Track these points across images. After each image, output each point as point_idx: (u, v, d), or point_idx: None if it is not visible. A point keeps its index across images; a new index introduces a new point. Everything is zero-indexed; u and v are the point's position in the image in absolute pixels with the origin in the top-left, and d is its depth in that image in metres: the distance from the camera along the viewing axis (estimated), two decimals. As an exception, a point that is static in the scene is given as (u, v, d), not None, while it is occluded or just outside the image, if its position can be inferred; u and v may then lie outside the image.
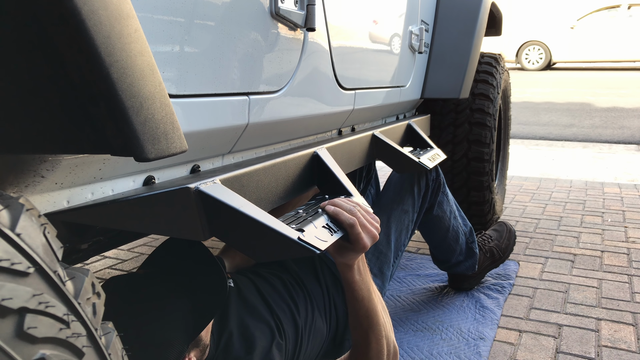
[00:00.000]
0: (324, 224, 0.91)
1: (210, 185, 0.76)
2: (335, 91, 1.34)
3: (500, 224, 2.16)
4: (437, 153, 1.75)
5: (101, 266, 2.25)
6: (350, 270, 1.06)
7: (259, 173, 0.93)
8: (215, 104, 0.87)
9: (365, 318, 1.10)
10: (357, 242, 0.96)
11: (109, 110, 0.49)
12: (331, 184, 1.12)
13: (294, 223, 0.86)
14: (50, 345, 0.42)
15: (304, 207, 1.00)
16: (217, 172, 0.87)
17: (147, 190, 0.77)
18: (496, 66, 2.46)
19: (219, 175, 0.81)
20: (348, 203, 0.99)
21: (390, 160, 1.54)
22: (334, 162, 1.15)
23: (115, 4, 0.49)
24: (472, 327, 1.73)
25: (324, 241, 0.84)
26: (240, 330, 1.08)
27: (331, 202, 0.99)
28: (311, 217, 0.92)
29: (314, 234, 0.83)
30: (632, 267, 2.23)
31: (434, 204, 1.72)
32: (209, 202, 0.74)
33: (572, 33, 12.20)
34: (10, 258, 0.40)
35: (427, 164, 1.55)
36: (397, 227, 1.61)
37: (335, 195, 1.07)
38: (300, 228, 0.82)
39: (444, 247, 1.84)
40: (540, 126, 6.27)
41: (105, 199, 0.76)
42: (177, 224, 0.74)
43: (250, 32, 0.93)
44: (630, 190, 3.54)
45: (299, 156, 1.08)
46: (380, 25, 1.61)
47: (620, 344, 1.62)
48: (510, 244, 2.08)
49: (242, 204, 0.77)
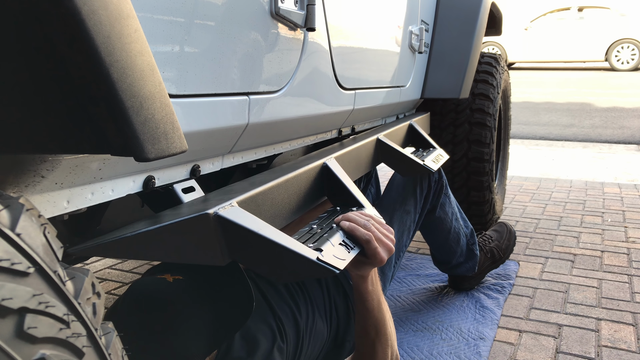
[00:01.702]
0: (340, 241, 0.90)
1: (229, 209, 0.76)
2: (335, 91, 1.34)
3: (501, 224, 2.16)
4: (440, 154, 1.75)
5: (101, 266, 2.25)
6: (365, 282, 1.07)
7: (273, 190, 0.93)
8: (215, 104, 0.87)
9: (373, 327, 1.10)
10: (375, 257, 0.97)
11: (109, 110, 0.49)
12: (341, 195, 1.12)
13: (310, 241, 0.85)
14: (50, 345, 0.42)
15: (317, 221, 1.00)
16: (233, 192, 0.86)
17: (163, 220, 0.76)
18: (496, 66, 2.46)
19: (235, 197, 0.81)
20: (362, 217, 0.99)
21: (395, 164, 1.54)
22: (343, 173, 1.15)
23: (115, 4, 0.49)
24: (472, 327, 1.73)
25: (342, 260, 0.84)
26: (242, 332, 1.08)
27: (345, 217, 0.98)
28: (326, 233, 0.91)
29: (332, 253, 0.83)
30: (632, 267, 2.23)
31: (436, 206, 1.73)
32: (228, 226, 0.74)
33: (526, 34, 12.48)
34: (10, 258, 0.40)
35: (431, 167, 1.55)
36: (399, 228, 1.61)
37: (347, 208, 1.07)
38: (318, 247, 0.82)
39: (445, 249, 1.85)
40: (540, 126, 6.27)
41: (125, 232, 0.75)
42: (196, 250, 0.74)
43: (250, 32, 0.93)
44: (630, 190, 3.54)
45: (310, 169, 1.08)
46: (380, 25, 1.61)
47: (620, 344, 1.62)
48: (510, 244, 2.08)
49: (261, 226, 0.77)
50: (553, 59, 12.46)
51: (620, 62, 11.63)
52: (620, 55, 11.65)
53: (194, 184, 0.95)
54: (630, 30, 11.59)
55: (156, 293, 0.94)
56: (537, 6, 12.71)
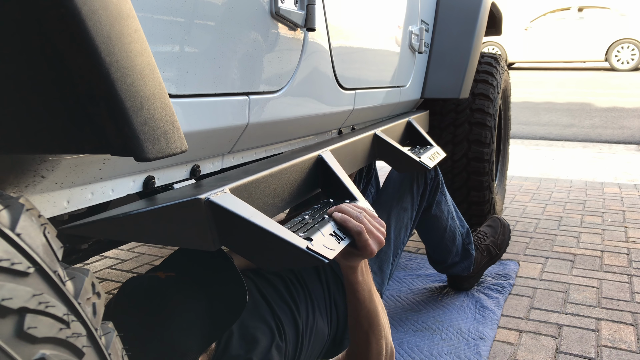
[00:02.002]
0: (331, 232, 0.91)
1: (221, 195, 0.76)
2: (335, 91, 1.34)
3: (494, 219, 2.14)
4: (437, 151, 1.75)
5: (101, 266, 2.25)
6: (354, 273, 1.07)
7: (267, 179, 0.93)
8: (215, 104, 0.87)
9: (366, 319, 1.10)
10: (365, 249, 0.97)
11: (109, 110, 0.49)
12: (335, 187, 1.13)
13: (301, 230, 0.86)
14: (50, 345, 0.42)
15: (310, 212, 1.00)
16: (226, 180, 0.86)
17: (155, 202, 0.76)
18: (496, 66, 2.46)
19: (228, 184, 0.81)
20: (354, 209, 0.99)
21: (391, 160, 1.54)
22: (338, 165, 1.16)
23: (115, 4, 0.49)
24: (472, 327, 1.73)
25: (332, 250, 0.85)
26: (241, 331, 1.08)
27: (337, 208, 0.99)
28: (318, 224, 0.92)
29: (322, 243, 0.84)
30: (632, 267, 2.23)
31: (432, 203, 1.73)
32: (219, 212, 0.74)
33: (526, 34, 12.50)
34: (10, 258, 0.40)
35: (427, 164, 1.55)
36: (396, 225, 1.61)
37: (340, 200, 1.07)
38: (308, 237, 0.83)
39: (440, 248, 1.85)
40: (540, 126, 6.27)
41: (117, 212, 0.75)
42: (187, 234, 0.74)
43: (250, 32, 0.93)
44: (630, 190, 3.54)
45: (305, 160, 1.08)
46: (380, 25, 1.61)
47: (620, 344, 1.62)
48: (505, 238, 2.07)
49: (252, 213, 0.77)
50: (553, 59, 12.48)
51: (620, 62, 11.64)
52: (620, 55, 11.66)
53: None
54: (630, 30, 11.61)
55: (149, 289, 0.94)
56: (537, 6, 12.74)
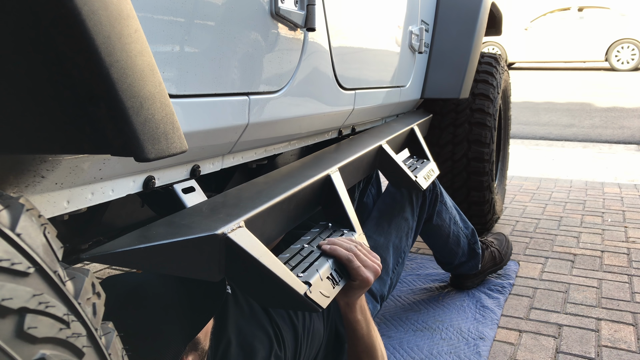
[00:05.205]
0: (328, 274, 0.94)
1: (237, 231, 0.77)
2: (336, 91, 1.34)
3: (499, 234, 2.25)
4: (432, 168, 1.76)
5: (101, 266, 2.25)
6: (353, 310, 1.10)
7: (279, 206, 0.94)
8: (215, 104, 0.87)
9: (364, 353, 1.14)
10: (358, 275, 1.00)
11: (109, 110, 0.49)
12: (336, 209, 1.16)
13: (300, 268, 0.90)
14: (50, 345, 0.42)
15: (309, 237, 1.05)
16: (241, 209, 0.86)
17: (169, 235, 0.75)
18: (496, 66, 2.46)
19: (243, 215, 0.81)
20: (345, 242, 1.03)
21: (389, 174, 1.57)
22: (343, 189, 1.18)
23: (115, 4, 0.49)
24: (472, 327, 1.73)
25: (327, 297, 0.89)
26: (239, 339, 1.08)
27: (329, 241, 1.03)
28: (316, 261, 0.96)
29: (319, 289, 0.88)
30: (632, 267, 2.23)
31: (433, 214, 1.77)
32: (233, 249, 0.75)
33: (526, 34, 12.49)
34: (10, 258, 0.40)
35: (422, 185, 1.58)
36: (397, 234, 1.63)
37: (338, 227, 1.12)
38: (307, 280, 0.87)
39: (445, 252, 1.90)
40: (540, 126, 6.27)
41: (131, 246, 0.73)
42: (194, 265, 0.74)
43: (250, 32, 0.93)
44: (630, 190, 3.54)
45: (314, 182, 1.09)
46: (380, 25, 1.61)
47: (620, 344, 1.62)
48: (508, 252, 2.17)
49: (262, 253, 0.79)
50: (553, 59, 12.48)
51: (620, 62, 11.63)
52: (620, 55, 11.65)
53: (194, 184, 0.95)
54: (630, 30, 11.60)
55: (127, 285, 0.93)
56: (537, 6, 12.74)
